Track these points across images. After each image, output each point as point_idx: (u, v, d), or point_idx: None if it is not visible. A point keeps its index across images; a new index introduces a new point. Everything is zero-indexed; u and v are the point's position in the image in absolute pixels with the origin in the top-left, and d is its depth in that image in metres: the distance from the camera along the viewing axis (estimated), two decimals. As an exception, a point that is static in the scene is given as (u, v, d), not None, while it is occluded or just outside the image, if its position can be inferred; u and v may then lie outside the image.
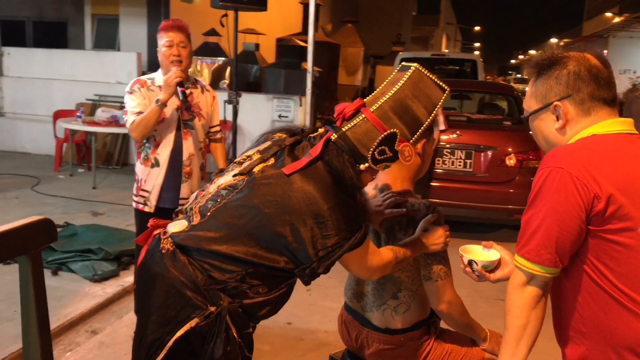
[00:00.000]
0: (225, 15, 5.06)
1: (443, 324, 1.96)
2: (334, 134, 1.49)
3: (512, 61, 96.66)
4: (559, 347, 1.45)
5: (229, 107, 5.10)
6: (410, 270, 1.81)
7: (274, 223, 1.41)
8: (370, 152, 1.48)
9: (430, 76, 1.55)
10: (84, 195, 6.13)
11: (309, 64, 5.58)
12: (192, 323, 1.42)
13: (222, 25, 5.01)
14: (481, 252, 1.60)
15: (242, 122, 6.50)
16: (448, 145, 5.28)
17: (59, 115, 7.30)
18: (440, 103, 1.55)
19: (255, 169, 1.49)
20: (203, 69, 7.94)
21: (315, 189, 1.40)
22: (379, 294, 1.86)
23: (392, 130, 1.48)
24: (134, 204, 2.96)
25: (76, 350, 3.03)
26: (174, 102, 2.82)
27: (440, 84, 1.55)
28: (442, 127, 6.53)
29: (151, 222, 1.64)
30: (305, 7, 12.76)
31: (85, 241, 4.26)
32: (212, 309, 1.43)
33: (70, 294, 3.54)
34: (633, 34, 29.96)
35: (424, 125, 1.53)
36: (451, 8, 42.07)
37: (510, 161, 5.13)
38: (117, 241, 4.26)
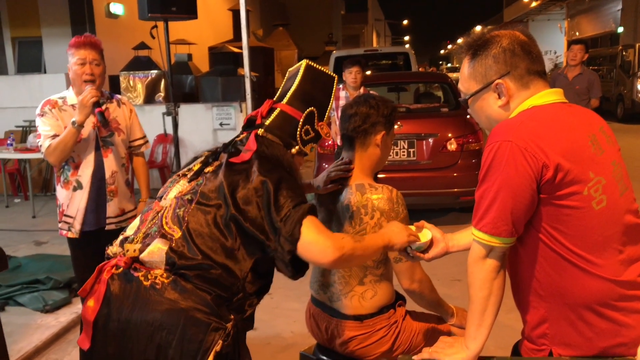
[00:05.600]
0: (155, 26, 4.96)
1: (409, 306, 2.00)
2: (259, 129, 1.62)
3: (442, 51, 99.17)
4: (519, 315, 1.51)
5: (169, 120, 5.01)
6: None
7: (245, 202, 1.46)
8: (298, 134, 1.64)
9: (319, 67, 1.74)
10: (23, 226, 5.88)
11: (245, 70, 5.54)
12: (217, 347, 1.39)
13: (153, 37, 4.90)
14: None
15: (183, 133, 6.38)
16: (391, 137, 5.36)
17: (-13, 145, 6.96)
18: (334, 87, 1.73)
19: (206, 170, 1.59)
20: (136, 83, 7.74)
21: (265, 168, 1.52)
22: (345, 281, 1.88)
23: (310, 109, 1.65)
24: (59, 231, 2.83)
25: (34, 385, 2.91)
26: (90, 121, 2.69)
27: (329, 73, 1.74)
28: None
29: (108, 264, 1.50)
30: (235, 14, 12.67)
31: (31, 272, 4.08)
32: (229, 326, 1.43)
33: (22, 328, 3.37)
34: (550, 16, 31.35)
35: (329, 106, 1.71)
36: (378, 5, 42.80)
37: (452, 146, 5.27)
38: (65, 268, 4.08)
